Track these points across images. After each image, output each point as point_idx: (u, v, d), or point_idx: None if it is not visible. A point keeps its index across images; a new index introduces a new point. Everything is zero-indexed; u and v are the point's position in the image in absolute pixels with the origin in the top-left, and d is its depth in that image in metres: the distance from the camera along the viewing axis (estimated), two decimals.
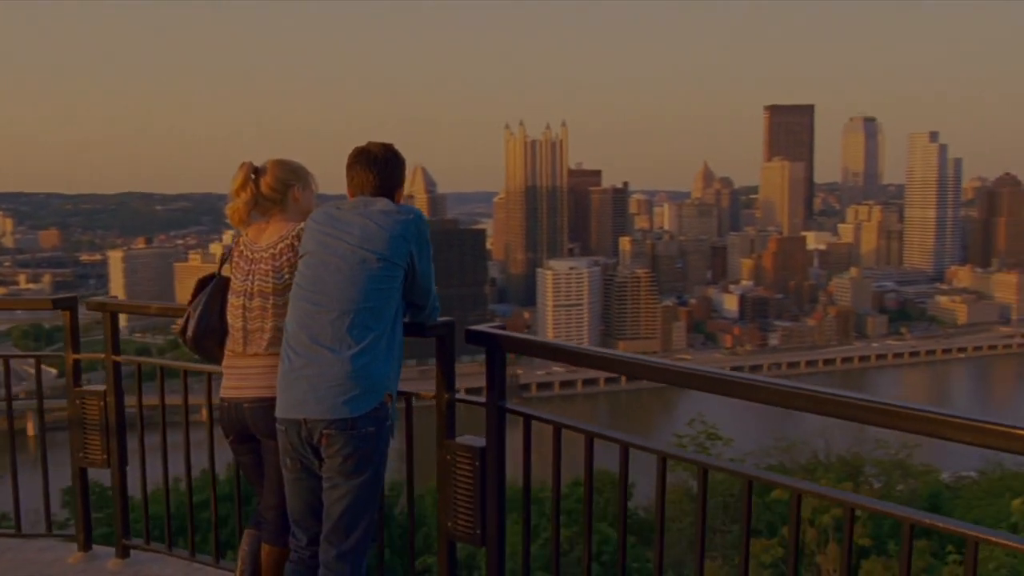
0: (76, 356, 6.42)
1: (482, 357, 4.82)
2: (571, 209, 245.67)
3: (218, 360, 4.80)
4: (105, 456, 6.32)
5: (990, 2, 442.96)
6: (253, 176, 4.68)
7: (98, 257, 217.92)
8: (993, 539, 3.35)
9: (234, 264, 4.71)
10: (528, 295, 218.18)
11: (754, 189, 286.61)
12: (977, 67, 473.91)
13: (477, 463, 4.76)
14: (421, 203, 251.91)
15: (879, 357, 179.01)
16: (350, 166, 4.46)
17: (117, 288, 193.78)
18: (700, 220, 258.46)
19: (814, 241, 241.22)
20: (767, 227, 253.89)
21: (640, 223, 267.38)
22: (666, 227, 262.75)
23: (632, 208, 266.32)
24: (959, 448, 3.79)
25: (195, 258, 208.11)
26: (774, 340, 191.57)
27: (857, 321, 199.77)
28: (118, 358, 6.38)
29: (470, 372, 11.70)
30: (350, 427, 4.18)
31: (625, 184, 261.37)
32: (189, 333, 4.76)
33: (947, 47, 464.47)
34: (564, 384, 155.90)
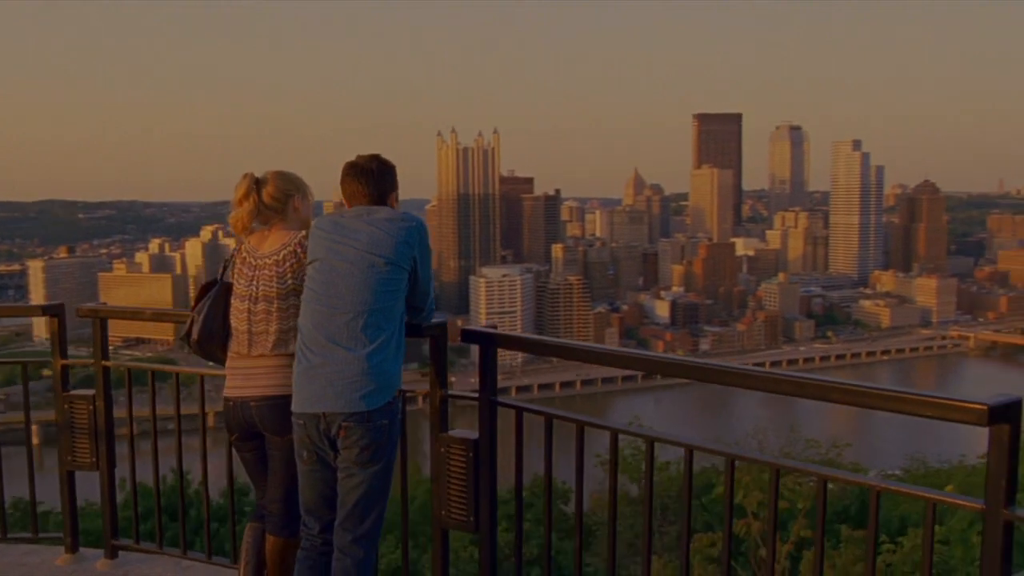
0: (64, 361, 6.56)
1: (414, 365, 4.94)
2: (504, 216, 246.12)
3: (221, 361, 5.08)
4: (94, 459, 6.46)
5: (909, 12, 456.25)
6: (255, 186, 4.94)
7: (17, 267, 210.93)
8: (948, 500, 3.85)
9: (237, 270, 4.98)
10: (461, 303, 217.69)
11: (684, 196, 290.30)
12: (898, 76, 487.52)
13: (471, 454, 5.08)
14: None
15: (807, 360, 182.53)
16: (343, 179, 4.78)
17: (38, 299, 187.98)
18: (631, 227, 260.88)
19: (743, 247, 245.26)
20: (697, 233, 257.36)
21: (572, 230, 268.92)
22: (598, 234, 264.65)
23: (564, 215, 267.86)
24: (885, 448, 4.19)
25: (120, 267, 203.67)
26: (705, 345, 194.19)
27: (785, 325, 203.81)
28: (107, 363, 6.49)
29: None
30: (367, 420, 4.50)
31: (557, 191, 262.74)
32: (194, 336, 5.03)
33: (868, 56, 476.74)
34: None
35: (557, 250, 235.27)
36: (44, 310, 6.60)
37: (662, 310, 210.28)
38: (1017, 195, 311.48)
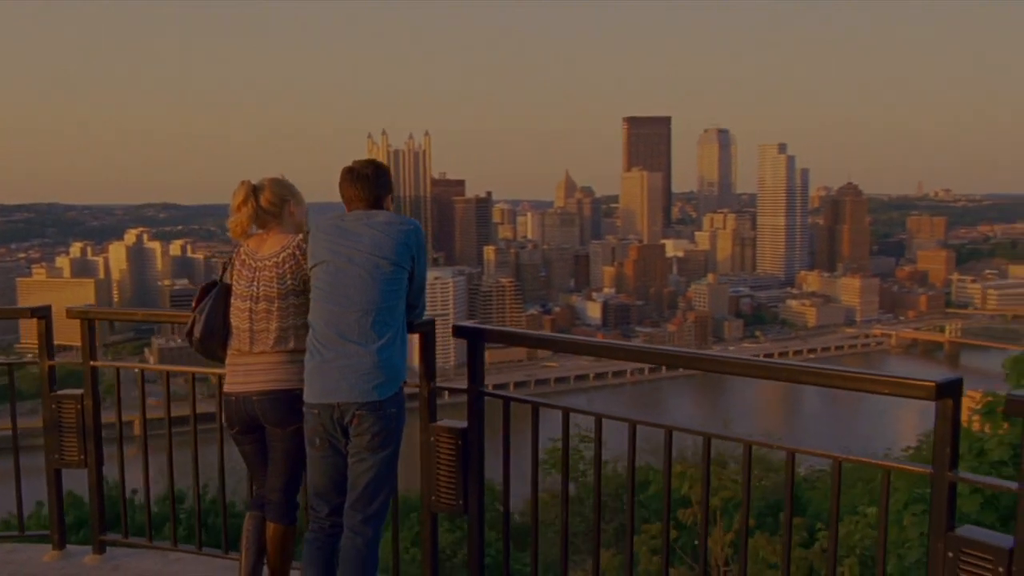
0: (51, 363, 6.74)
1: None
2: (435, 219, 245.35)
3: (221, 360, 5.34)
4: (82, 457, 6.64)
5: (830, 15, 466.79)
6: (253, 193, 5.20)
7: None
8: (903, 467, 4.78)
9: (236, 272, 5.23)
10: None
11: (615, 198, 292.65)
12: (822, 80, 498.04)
13: (460, 442, 5.51)
14: None
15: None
16: (341, 184, 5.08)
17: None
18: (563, 229, 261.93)
19: (673, 249, 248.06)
20: (628, 235, 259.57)
21: (504, 232, 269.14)
22: (530, 236, 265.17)
23: (496, 217, 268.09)
24: (814, 443, 4.87)
25: (40, 272, 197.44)
26: None
27: (714, 326, 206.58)
28: (96, 363, 6.71)
29: None
30: (378, 409, 4.84)
31: (489, 193, 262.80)
32: (196, 335, 5.28)
33: (793, 60, 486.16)
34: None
35: (489, 252, 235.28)
36: (32, 312, 6.78)
37: (594, 311, 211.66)
38: (935, 197, 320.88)
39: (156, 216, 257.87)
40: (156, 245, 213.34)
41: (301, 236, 5.18)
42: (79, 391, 6.65)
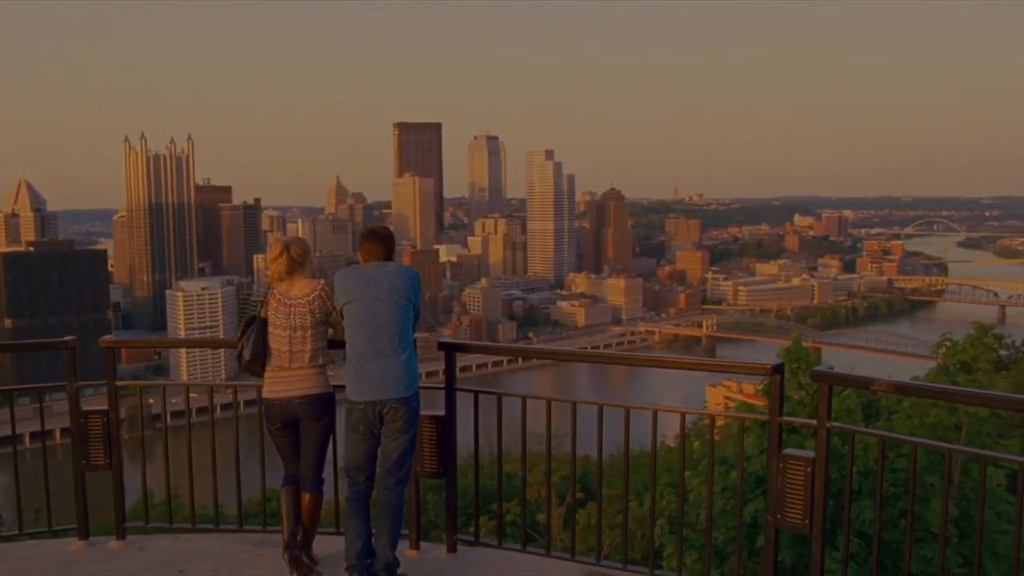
0: (77, 384, 8.00)
1: None
2: (200, 226, 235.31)
3: (259, 375, 7.10)
4: (107, 460, 7.94)
5: (595, 24, 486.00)
6: (286, 248, 7.11)
7: None
8: (750, 416, 7.82)
9: (273, 308, 7.05)
10: (158, 319, 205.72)
11: (387, 204, 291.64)
12: (582, 87, 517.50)
13: (439, 427, 7.55)
14: (28, 222, 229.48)
15: (510, 361, 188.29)
16: (367, 241, 7.00)
17: None
18: (335, 236, 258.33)
19: (446, 254, 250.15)
20: (401, 241, 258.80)
21: (274, 240, 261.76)
22: None
23: (265, 224, 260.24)
24: (591, 440, 7.32)
25: None
26: None
27: (489, 328, 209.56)
28: (118, 383, 8.22)
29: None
30: (407, 403, 6.78)
31: (257, 200, 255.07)
32: (246, 357, 7.06)
33: (562, 67, 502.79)
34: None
35: (259, 261, 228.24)
36: (62, 344, 8.14)
37: None
38: (690, 201, 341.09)
39: None
40: None
41: (323, 282, 7.14)
42: (104, 407, 7.98)
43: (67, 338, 8.08)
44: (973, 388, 10.68)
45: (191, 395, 8.56)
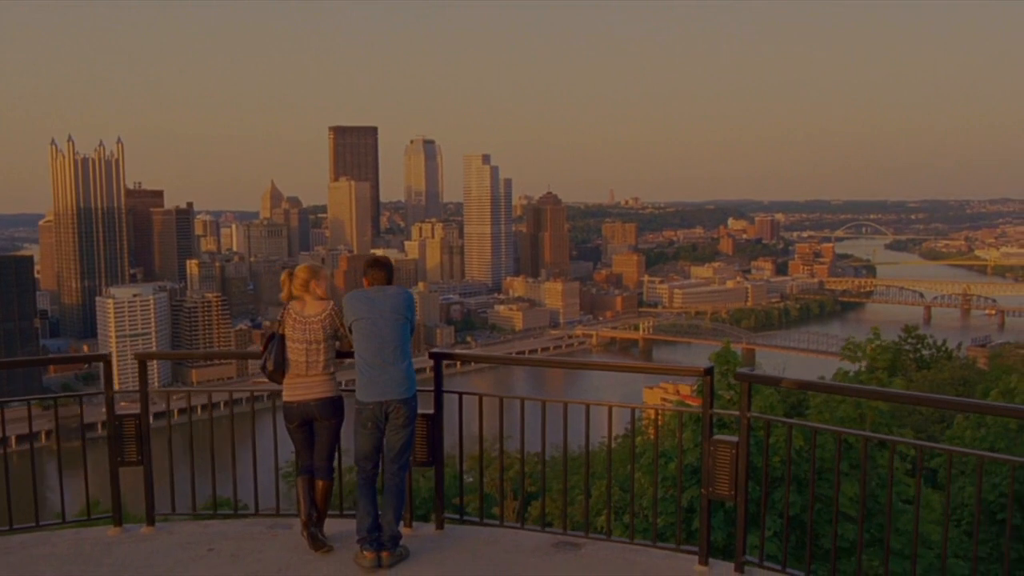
0: (112, 392, 9.14)
1: None
2: (131, 232, 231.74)
3: (279, 382, 8.39)
4: (140, 457, 9.11)
5: (534, 27, 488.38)
6: (291, 273, 8.48)
7: None
8: (687, 409, 11.62)
9: (289, 325, 8.38)
10: (87, 326, 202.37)
11: (323, 208, 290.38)
12: (523, 90, 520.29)
13: (429, 423, 8.90)
14: None
15: (448, 366, 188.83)
16: (371, 268, 8.34)
17: None
18: (270, 240, 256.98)
19: None
20: (337, 246, 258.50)
21: (207, 245, 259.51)
22: (235, 248, 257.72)
23: (198, 229, 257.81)
24: (536, 440, 8.80)
25: None
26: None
27: (427, 333, 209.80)
28: (148, 390, 9.34)
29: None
30: (408, 403, 8.12)
31: (190, 204, 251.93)
32: (270, 368, 8.38)
33: (496, 71, 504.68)
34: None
35: (192, 266, 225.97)
36: (99, 358, 9.60)
37: None
38: (626, 205, 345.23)
39: None
40: None
41: (333, 303, 8.40)
42: (137, 411, 9.14)
43: (103, 352, 9.33)
44: (872, 386, 12.67)
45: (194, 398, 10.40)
